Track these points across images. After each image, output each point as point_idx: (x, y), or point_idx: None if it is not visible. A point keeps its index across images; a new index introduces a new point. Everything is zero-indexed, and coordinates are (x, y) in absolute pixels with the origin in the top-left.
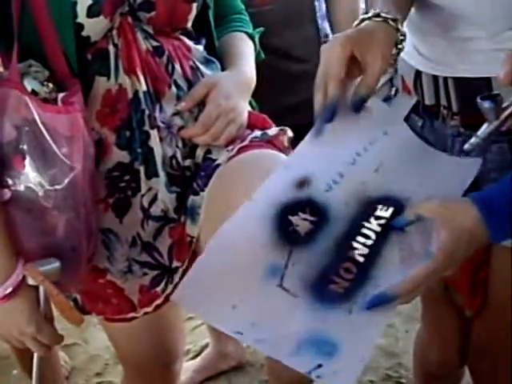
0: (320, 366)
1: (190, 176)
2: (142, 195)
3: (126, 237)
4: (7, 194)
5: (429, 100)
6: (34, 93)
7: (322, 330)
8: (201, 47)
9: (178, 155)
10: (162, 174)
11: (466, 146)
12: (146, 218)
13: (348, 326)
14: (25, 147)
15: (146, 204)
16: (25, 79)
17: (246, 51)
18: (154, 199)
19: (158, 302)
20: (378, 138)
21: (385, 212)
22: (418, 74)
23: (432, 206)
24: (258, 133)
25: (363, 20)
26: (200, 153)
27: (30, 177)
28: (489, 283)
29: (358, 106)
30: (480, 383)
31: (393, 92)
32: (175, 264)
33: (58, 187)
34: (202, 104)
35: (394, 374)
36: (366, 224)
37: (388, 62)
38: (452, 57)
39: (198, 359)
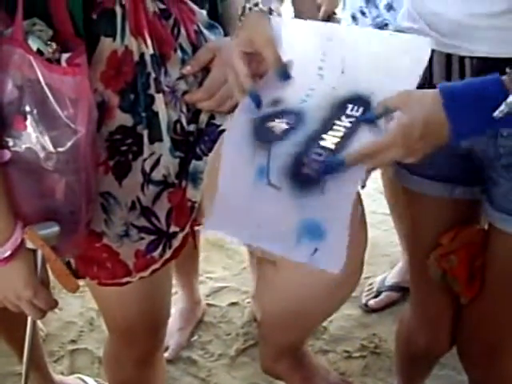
0: (316, 250)
1: (193, 141)
2: (144, 159)
3: (126, 201)
4: (7, 154)
5: (438, 80)
6: (39, 52)
7: (308, 216)
8: (204, 12)
9: (183, 120)
10: (166, 138)
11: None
12: (146, 183)
13: (324, 205)
14: (27, 108)
15: (147, 168)
16: (29, 38)
17: None
18: (157, 164)
19: (156, 266)
20: (326, 47)
21: (356, 112)
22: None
23: (397, 96)
24: None
25: (243, 13)
26: (204, 118)
27: (31, 138)
28: (486, 268)
29: (285, 74)
30: (471, 366)
31: None
32: (173, 229)
33: (60, 150)
34: (206, 69)
35: (369, 344)
36: (338, 122)
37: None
38: (472, 33)
39: (175, 315)
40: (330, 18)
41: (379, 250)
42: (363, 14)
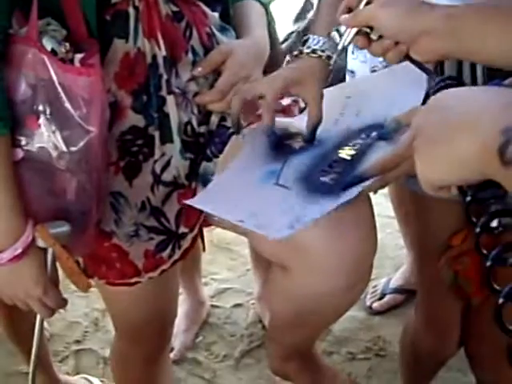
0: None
1: (204, 142)
2: (155, 161)
3: (136, 201)
4: (20, 153)
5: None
6: (53, 52)
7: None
8: (216, 14)
9: (194, 121)
10: (176, 140)
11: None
12: (156, 183)
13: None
14: (40, 107)
15: (158, 170)
16: (44, 38)
17: (259, 20)
18: (167, 165)
19: (165, 267)
20: (344, 103)
21: (370, 135)
22: None
23: (407, 112)
24: None
25: (297, 55)
26: (214, 120)
27: (44, 137)
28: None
29: (312, 135)
30: (480, 369)
31: None
32: (182, 230)
33: (72, 149)
34: (216, 71)
35: (373, 346)
36: (353, 141)
37: (322, 92)
38: None
39: (181, 316)
40: None
41: (384, 252)
42: None
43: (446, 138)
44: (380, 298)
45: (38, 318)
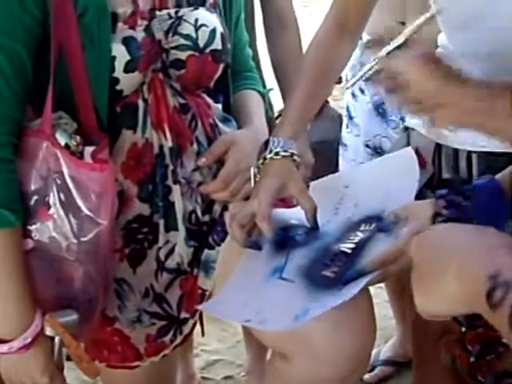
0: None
1: (207, 231)
2: (159, 248)
3: (140, 288)
4: (30, 243)
5: (447, 173)
6: (66, 146)
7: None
8: (219, 105)
9: (198, 210)
10: (181, 228)
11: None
12: (160, 270)
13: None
14: (51, 199)
15: (162, 256)
16: (57, 131)
17: (258, 110)
18: (171, 252)
19: (166, 351)
20: (343, 193)
21: (369, 227)
22: (438, 147)
23: (404, 207)
24: None
25: (263, 162)
26: (217, 208)
27: (54, 228)
28: None
29: (316, 221)
30: None
31: None
32: (183, 315)
33: (82, 239)
34: (220, 160)
35: None
36: (353, 234)
37: (305, 184)
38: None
39: None
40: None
41: None
42: (362, 91)
43: (437, 277)
44: (370, 370)
45: None
